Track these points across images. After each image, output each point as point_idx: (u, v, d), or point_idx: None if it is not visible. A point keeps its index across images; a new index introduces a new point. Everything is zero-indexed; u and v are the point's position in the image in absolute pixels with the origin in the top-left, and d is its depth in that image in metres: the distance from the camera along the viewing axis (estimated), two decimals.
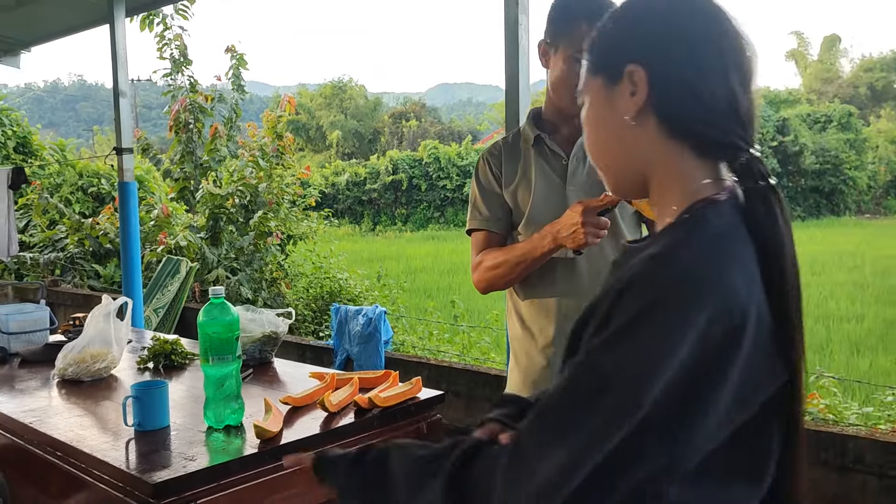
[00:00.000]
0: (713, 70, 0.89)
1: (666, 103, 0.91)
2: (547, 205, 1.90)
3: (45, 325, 2.78)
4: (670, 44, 0.90)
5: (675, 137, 0.92)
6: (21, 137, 11.36)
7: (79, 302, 6.81)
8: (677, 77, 0.90)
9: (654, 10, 0.93)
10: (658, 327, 0.80)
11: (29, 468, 1.93)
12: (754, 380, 0.84)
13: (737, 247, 0.86)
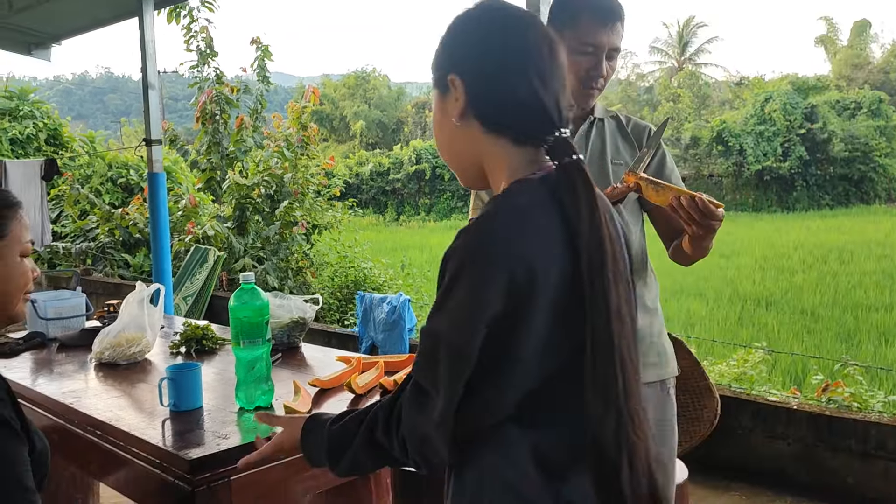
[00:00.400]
0: (517, 75, 1.06)
1: (481, 105, 1.08)
2: None
3: (81, 312, 2.87)
4: (481, 56, 1.07)
5: (493, 132, 1.09)
6: (52, 129, 11.57)
7: (110, 290, 6.97)
8: (487, 83, 1.07)
9: (468, 28, 1.10)
10: (467, 287, 0.98)
11: (70, 447, 2.02)
12: (561, 332, 1.00)
13: (536, 217, 1.02)
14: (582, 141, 1.94)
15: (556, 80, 1.08)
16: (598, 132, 1.96)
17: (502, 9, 1.10)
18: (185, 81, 9.22)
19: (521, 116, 1.07)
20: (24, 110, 11.51)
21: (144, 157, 5.58)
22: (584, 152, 1.92)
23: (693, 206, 1.63)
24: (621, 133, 2.00)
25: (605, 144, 1.95)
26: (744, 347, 5.08)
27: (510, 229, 1.00)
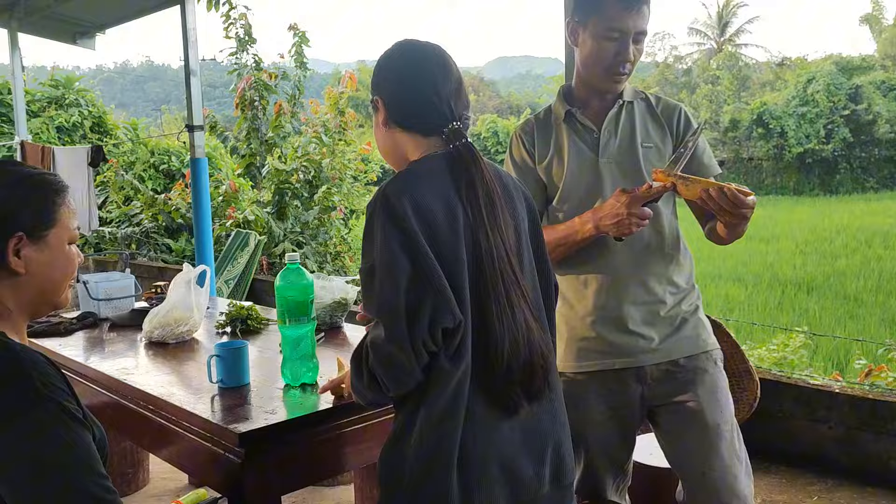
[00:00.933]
0: (416, 91, 1.46)
1: (396, 115, 1.48)
2: (580, 178, 1.93)
3: (130, 293, 2.96)
4: (391, 81, 1.49)
5: (407, 130, 1.48)
6: (97, 117, 11.82)
7: (154, 274, 7.12)
8: (398, 99, 1.48)
9: (384, 63, 1.52)
10: (373, 233, 1.34)
11: (124, 421, 2.10)
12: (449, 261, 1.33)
13: (430, 178, 1.38)
14: (611, 125, 1.94)
15: (446, 89, 1.45)
16: (627, 115, 1.96)
17: (409, 46, 1.51)
18: (223, 69, 9.33)
19: (422, 118, 1.46)
20: (69, 98, 11.77)
21: (186, 144, 5.69)
22: (613, 136, 1.94)
23: (722, 197, 1.65)
24: (651, 115, 1.99)
25: (634, 127, 1.95)
26: (784, 331, 5.02)
27: (407, 185, 1.36)
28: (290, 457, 1.70)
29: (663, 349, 1.90)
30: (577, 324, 1.94)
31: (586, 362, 1.93)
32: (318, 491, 3.24)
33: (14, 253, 1.32)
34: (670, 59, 39.13)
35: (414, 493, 1.34)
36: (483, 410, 1.36)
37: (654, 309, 1.91)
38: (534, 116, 2.06)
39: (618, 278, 1.90)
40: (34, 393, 1.22)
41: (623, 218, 1.75)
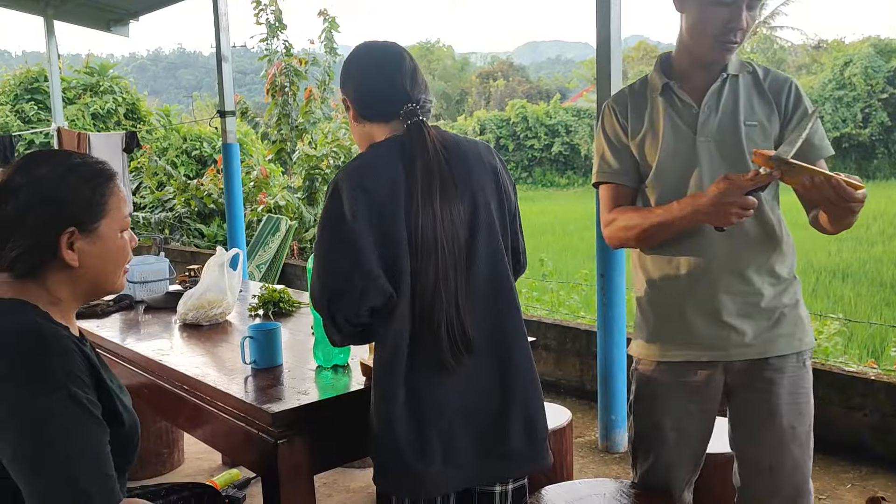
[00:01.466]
0: (373, 85, 1.61)
1: (361, 109, 1.63)
2: (676, 157, 1.79)
3: (164, 276, 3.01)
4: (352, 80, 1.63)
5: (372, 121, 1.62)
6: (130, 104, 11.97)
7: (187, 258, 7.22)
8: (359, 95, 1.63)
9: (347, 65, 1.66)
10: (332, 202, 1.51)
11: (160, 401, 2.14)
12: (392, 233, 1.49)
13: (380, 159, 1.54)
14: (713, 99, 1.79)
15: (400, 77, 1.58)
16: (731, 89, 1.80)
17: (364, 47, 1.66)
18: (254, 56, 9.42)
19: (381, 106, 1.60)
20: (104, 86, 11.94)
21: (217, 129, 5.73)
22: (714, 112, 1.78)
23: (827, 187, 1.54)
24: (757, 89, 1.82)
25: (738, 103, 1.78)
26: (819, 318, 4.94)
27: (355, 172, 1.52)
28: (322, 437, 1.72)
29: (756, 345, 1.77)
30: (665, 311, 1.83)
31: (673, 352, 1.82)
32: (349, 473, 3.27)
33: (67, 246, 1.33)
34: None
35: (380, 438, 1.53)
36: (427, 367, 1.50)
37: (752, 301, 1.77)
38: (627, 87, 1.93)
39: (713, 265, 1.77)
40: (49, 377, 1.23)
41: (725, 208, 1.61)
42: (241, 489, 3.11)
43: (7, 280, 1.35)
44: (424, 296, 1.49)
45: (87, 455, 1.24)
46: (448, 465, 1.50)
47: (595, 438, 3.71)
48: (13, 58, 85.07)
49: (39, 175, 1.33)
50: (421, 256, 1.49)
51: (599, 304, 3.53)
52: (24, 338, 1.26)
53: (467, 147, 1.62)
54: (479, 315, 1.54)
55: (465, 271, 1.52)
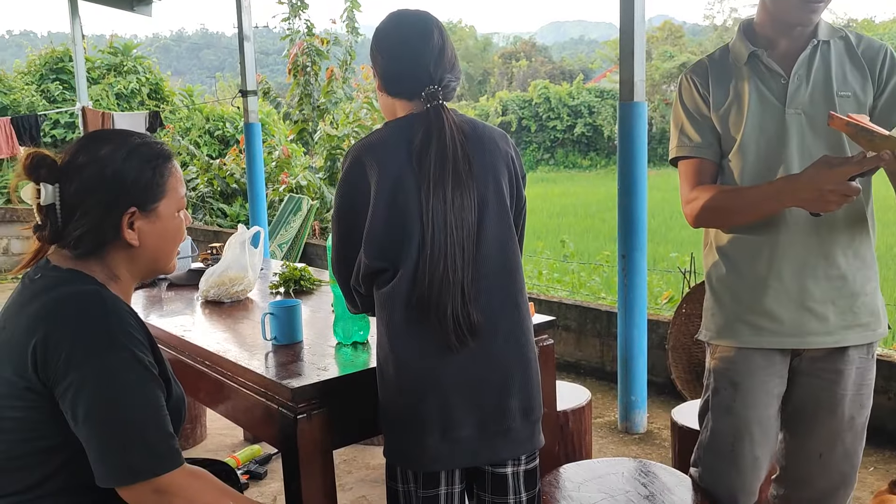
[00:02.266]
0: (397, 62, 1.60)
1: (384, 82, 1.63)
2: (763, 131, 1.68)
3: (187, 253, 3.03)
4: (379, 51, 1.62)
5: (393, 95, 1.62)
6: (153, 84, 12.04)
7: (209, 237, 7.28)
8: (383, 69, 1.62)
9: (376, 31, 1.64)
10: (343, 176, 1.58)
11: (183, 376, 2.15)
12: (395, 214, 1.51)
13: (392, 138, 1.56)
14: (803, 68, 1.67)
15: (425, 56, 1.56)
16: (822, 57, 1.67)
17: (395, 18, 1.62)
18: (276, 36, 9.43)
19: (403, 85, 1.60)
20: (127, 66, 12.01)
21: (240, 110, 5.75)
22: (805, 82, 1.67)
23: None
24: (850, 57, 1.69)
25: (830, 72, 1.67)
26: None
27: (367, 147, 1.55)
28: (341, 412, 1.73)
29: (836, 334, 1.69)
30: (746, 295, 1.73)
31: (752, 338, 1.73)
32: (368, 450, 3.30)
33: (128, 226, 1.38)
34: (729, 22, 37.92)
35: (384, 409, 1.59)
36: (429, 345, 1.52)
37: (837, 285, 1.67)
38: (707, 57, 1.82)
39: (798, 246, 1.67)
40: (111, 338, 1.29)
41: (826, 195, 1.49)
42: (262, 465, 3.15)
43: (68, 257, 1.39)
44: (432, 280, 1.49)
45: (154, 414, 1.30)
46: (446, 439, 1.52)
47: (615, 419, 3.70)
48: (38, 38, 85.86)
49: (102, 155, 1.37)
50: (429, 240, 1.49)
51: (620, 285, 3.51)
52: (85, 301, 1.31)
53: (483, 132, 1.62)
54: (483, 298, 1.54)
55: (472, 256, 1.53)
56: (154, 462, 1.28)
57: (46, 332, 1.27)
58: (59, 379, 1.26)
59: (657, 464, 2.08)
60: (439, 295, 1.49)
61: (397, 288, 1.52)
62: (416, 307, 1.51)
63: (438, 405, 1.51)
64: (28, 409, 1.29)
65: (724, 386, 1.77)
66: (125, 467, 1.27)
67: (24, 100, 11.36)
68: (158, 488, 1.28)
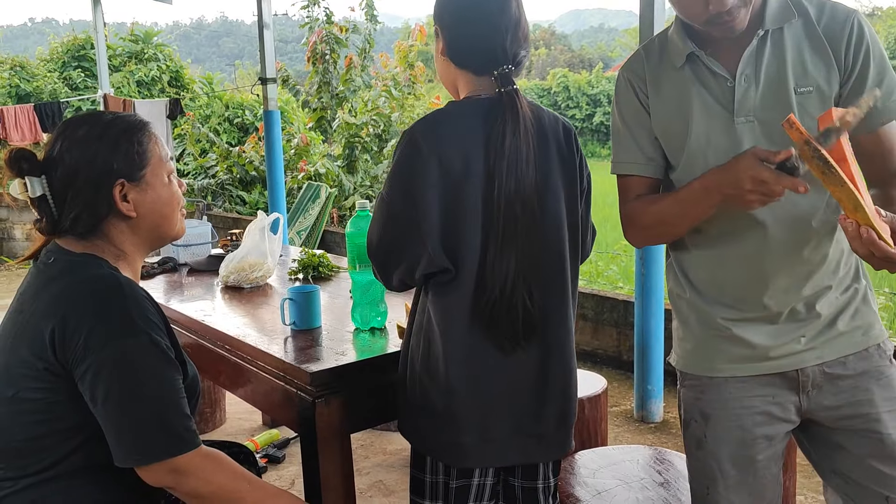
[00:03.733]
0: (471, 30, 1.46)
1: (451, 50, 1.50)
2: (710, 145, 1.40)
3: (207, 239, 3.07)
4: (449, 14, 1.49)
5: (460, 66, 1.50)
6: (174, 72, 12.11)
7: (229, 224, 7.34)
8: (453, 35, 1.49)
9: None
10: (397, 165, 1.45)
11: (203, 360, 2.19)
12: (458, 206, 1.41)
13: (462, 124, 1.43)
14: (750, 66, 1.37)
15: (502, 29, 1.44)
16: (773, 48, 1.37)
17: None
18: (294, 24, 9.46)
19: (475, 58, 1.47)
20: (148, 53, 12.09)
21: (259, 97, 5.79)
22: (753, 83, 1.37)
23: (852, 230, 1.17)
24: (810, 39, 1.37)
25: (784, 64, 1.36)
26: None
27: (434, 128, 1.43)
28: (359, 397, 1.75)
29: (819, 348, 1.42)
30: (708, 316, 1.47)
31: (722, 364, 1.46)
32: (385, 435, 3.33)
33: (122, 199, 1.41)
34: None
35: (422, 399, 1.51)
36: (478, 343, 1.45)
37: (809, 300, 1.42)
38: (644, 50, 1.52)
39: (763, 257, 1.40)
40: (129, 322, 1.31)
41: (744, 193, 1.25)
42: (280, 449, 3.19)
43: (74, 240, 1.42)
44: (502, 281, 1.41)
45: (172, 396, 1.33)
46: (482, 440, 1.49)
47: (630, 408, 3.71)
48: (61, 26, 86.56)
49: (79, 136, 1.40)
50: (498, 237, 1.41)
51: (638, 274, 3.51)
52: (104, 286, 1.34)
53: (547, 121, 1.51)
54: (546, 304, 1.48)
55: (540, 258, 1.45)
56: (171, 443, 1.31)
57: (65, 315, 1.30)
58: (78, 361, 1.29)
59: (672, 452, 2.09)
60: (508, 296, 1.42)
61: (457, 285, 1.43)
62: (478, 307, 1.43)
63: (480, 407, 1.47)
64: (47, 391, 1.32)
65: (694, 417, 1.51)
66: (143, 448, 1.30)
67: (47, 87, 11.47)
68: (175, 468, 1.31)
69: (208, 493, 1.35)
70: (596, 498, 1.84)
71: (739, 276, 1.43)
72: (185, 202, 1.62)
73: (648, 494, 1.85)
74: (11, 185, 1.40)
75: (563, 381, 1.53)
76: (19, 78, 11.55)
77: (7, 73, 11.63)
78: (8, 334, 1.38)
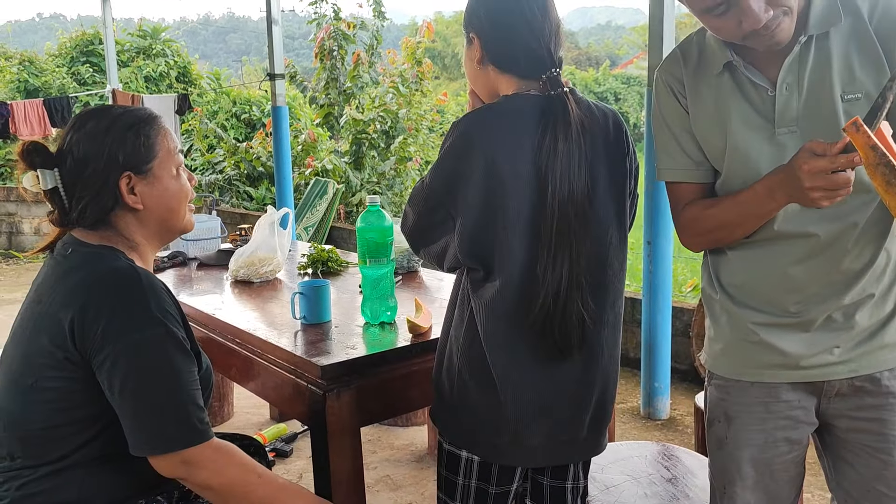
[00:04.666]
0: (513, 34, 1.42)
1: (493, 56, 1.45)
2: (749, 160, 1.33)
3: (216, 234, 3.08)
4: (486, 19, 1.44)
5: (503, 71, 1.45)
6: (182, 67, 12.13)
7: (236, 220, 7.36)
8: (492, 40, 1.44)
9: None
10: (445, 156, 1.39)
11: (213, 354, 2.19)
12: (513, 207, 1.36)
13: (514, 122, 1.37)
14: (792, 74, 1.29)
15: (545, 32, 1.41)
16: (818, 54, 1.28)
17: None
18: (302, 21, 9.48)
19: (521, 63, 1.42)
20: (156, 49, 12.12)
21: (267, 93, 5.80)
22: (795, 91, 1.29)
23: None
24: (860, 41, 1.26)
25: (830, 70, 1.27)
26: None
27: (485, 124, 1.38)
28: (368, 390, 1.76)
29: (854, 361, 1.35)
30: (739, 319, 1.42)
31: (750, 370, 1.42)
32: (392, 431, 3.35)
33: (129, 191, 1.43)
34: None
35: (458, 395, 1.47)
36: (523, 350, 1.40)
37: (848, 310, 1.34)
38: (680, 51, 1.43)
39: (802, 262, 1.34)
40: (147, 314, 1.33)
41: (806, 191, 1.17)
42: (287, 443, 3.21)
43: (88, 232, 1.44)
44: (549, 287, 1.36)
45: (187, 387, 1.35)
46: (515, 443, 1.44)
47: (637, 405, 3.71)
48: (69, 21, 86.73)
49: (88, 129, 1.42)
50: (550, 244, 1.35)
51: (645, 271, 3.51)
52: (122, 278, 1.36)
53: (599, 118, 1.44)
54: (601, 315, 1.44)
55: (591, 263, 1.40)
56: (186, 434, 1.32)
57: (84, 305, 1.32)
58: (96, 351, 1.31)
59: (680, 448, 2.09)
60: (563, 305, 1.37)
61: (499, 288, 1.38)
62: (528, 314, 1.37)
63: (518, 412, 1.42)
64: (66, 380, 1.34)
65: (718, 418, 1.49)
66: (158, 438, 1.32)
67: (56, 82, 11.51)
68: (188, 459, 1.33)
69: (219, 485, 1.36)
70: (604, 493, 1.85)
71: (774, 280, 1.37)
72: (195, 196, 1.63)
73: (656, 490, 1.86)
74: (25, 177, 1.43)
75: (604, 387, 1.48)
76: (28, 73, 11.60)
77: (16, 67, 11.68)
78: (27, 324, 1.40)
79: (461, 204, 1.37)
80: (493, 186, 1.35)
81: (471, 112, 1.42)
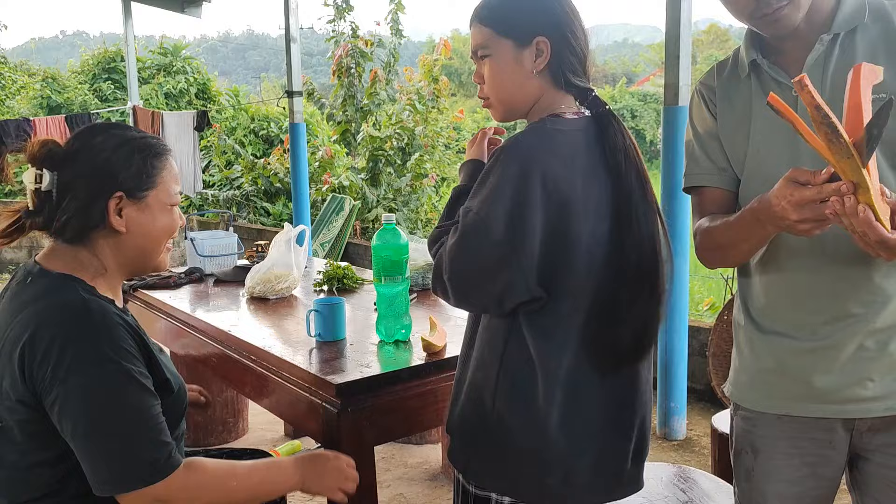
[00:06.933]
0: (577, 42, 1.35)
1: (558, 64, 1.34)
2: (769, 157, 1.32)
3: (233, 250, 3.10)
4: (564, 25, 1.34)
5: (558, 86, 1.36)
6: (201, 84, 12.28)
7: (253, 235, 7.40)
8: (565, 48, 1.34)
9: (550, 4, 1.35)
10: (488, 177, 1.27)
11: (228, 370, 2.22)
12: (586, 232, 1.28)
13: (576, 145, 1.31)
14: (816, 74, 1.27)
15: (588, 45, 1.38)
16: (843, 53, 1.27)
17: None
18: (320, 38, 9.54)
19: (579, 76, 1.36)
20: (176, 66, 12.28)
21: (285, 110, 5.85)
22: (819, 88, 1.24)
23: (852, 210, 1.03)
24: (887, 40, 1.25)
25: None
26: None
27: (548, 146, 1.29)
28: (383, 409, 1.76)
29: (891, 397, 1.28)
30: (764, 349, 1.38)
31: (773, 402, 1.38)
32: (407, 448, 3.34)
33: (116, 212, 1.38)
34: None
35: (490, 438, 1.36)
36: (579, 372, 1.32)
37: (881, 337, 1.27)
38: (717, 65, 1.46)
39: (822, 286, 1.29)
40: (98, 354, 1.28)
41: (792, 224, 1.11)
42: None
43: (58, 247, 1.40)
44: (634, 316, 1.32)
45: (143, 424, 1.29)
46: (566, 483, 1.34)
47: (653, 425, 3.68)
48: (91, 38, 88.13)
49: (95, 143, 1.39)
50: (631, 271, 1.31)
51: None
52: (72, 314, 1.30)
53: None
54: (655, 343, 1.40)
55: (652, 286, 1.34)
56: (145, 471, 1.27)
57: (32, 342, 1.26)
58: (45, 392, 1.26)
59: (697, 470, 2.07)
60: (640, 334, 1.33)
61: (566, 315, 1.31)
62: (598, 338, 1.32)
63: (569, 448, 1.33)
64: (25, 422, 1.30)
65: (745, 449, 1.45)
66: (115, 477, 1.27)
67: (77, 98, 11.69)
68: (157, 496, 1.28)
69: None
70: None
71: (796, 297, 1.32)
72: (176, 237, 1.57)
73: None
74: (26, 172, 1.38)
75: (642, 412, 1.41)
76: (50, 89, 11.79)
77: (39, 84, 11.87)
78: None
79: (525, 232, 1.24)
80: (551, 209, 1.26)
81: (519, 135, 1.31)
